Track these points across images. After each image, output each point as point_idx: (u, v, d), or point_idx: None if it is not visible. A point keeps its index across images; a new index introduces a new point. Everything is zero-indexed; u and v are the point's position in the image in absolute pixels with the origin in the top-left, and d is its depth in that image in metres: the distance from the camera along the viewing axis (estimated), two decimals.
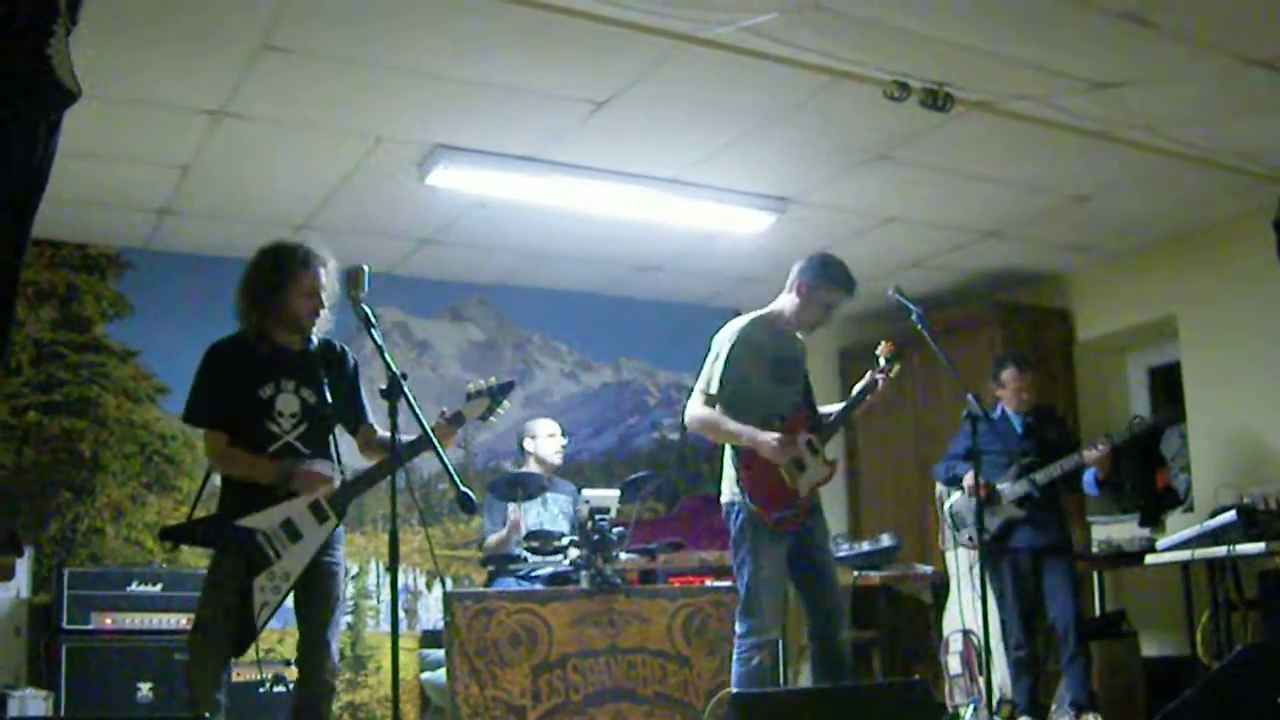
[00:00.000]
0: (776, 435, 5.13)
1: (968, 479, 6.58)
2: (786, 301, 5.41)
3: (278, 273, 4.59)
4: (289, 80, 5.32)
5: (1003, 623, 6.66)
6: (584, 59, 5.24)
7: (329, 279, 4.65)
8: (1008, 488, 6.60)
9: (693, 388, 5.34)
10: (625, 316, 8.97)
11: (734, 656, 5.13)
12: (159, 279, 7.41)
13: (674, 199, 6.79)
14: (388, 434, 4.72)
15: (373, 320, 4.33)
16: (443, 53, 5.15)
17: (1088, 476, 6.61)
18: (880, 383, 5.41)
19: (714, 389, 5.20)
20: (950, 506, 6.93)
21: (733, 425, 5.17)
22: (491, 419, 4.94)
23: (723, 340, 5.30)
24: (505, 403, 4.91)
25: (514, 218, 7.11)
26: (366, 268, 4.43)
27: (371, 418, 4.87)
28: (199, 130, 5.80)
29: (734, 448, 5.25)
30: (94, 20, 2.63)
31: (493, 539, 6.62)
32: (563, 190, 6.58)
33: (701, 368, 5.32)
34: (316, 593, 4.55)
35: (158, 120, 5.67)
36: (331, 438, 4.76)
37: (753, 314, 5.44)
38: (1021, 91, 5.62)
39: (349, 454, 4.90)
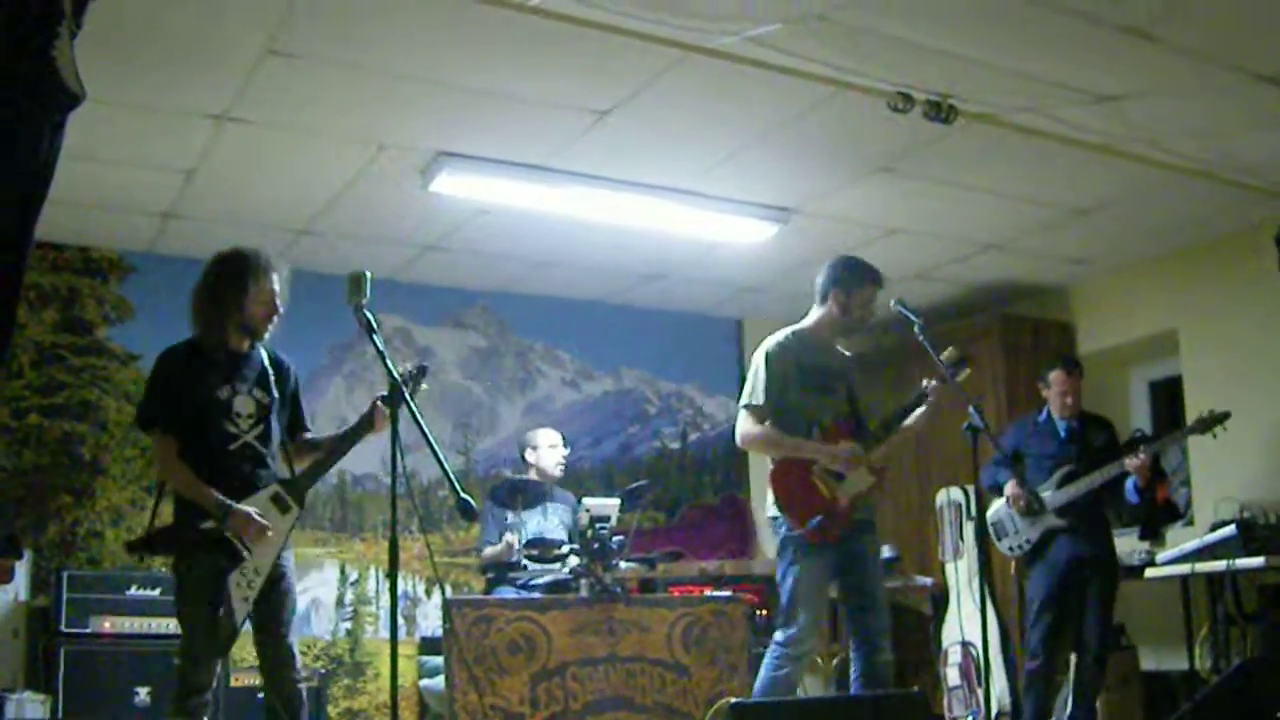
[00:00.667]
0: (843, 446, 5.18)
1: (1009, 487, 6.52)
2: (822, 313, 5.42)
3: (239, 280, 4.65)
4: (293, 86, 5.33)
5: (1003, 632, 6.62)
6: (588, 68, 5.25)
7: (283, 286, 4.74)
8: (1049, 495, 6.50)
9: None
10: (627, 325, 8.97)
11: (764, 661, 5.14)
12: (161, 283, 7.40)
13: (676, 208, 6.79)
14: (318, 436, 4.98)
15: (374, 326, 4.34)
16: (447, 60, 5.16)
17: (1129, 485, 6.41)
18: (933, 391, 5.31)
19: (759, 400, 5.21)
20: (990, 515, 6.76)
21: (796, 440, 5.20)
22: (413, 402, 4.95)
23: (759, 353, 5.32)
24: (424, 384, 4.89)
25: (516, 225, 7.11)
26: (368, 274, 4.44)
27: (309, 425, 5.02)
28: (203, 135, 5.81)
29: (772, 460, 5.26)
30: (99, 23, 2.64)
31: (489, 552, 6.61)
32: (565, 198, 6.58)
33: (740, 387, 5.33)
34: (272, 593, 4.59)
35: (162, 124, 5.67)
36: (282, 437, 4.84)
37: (789, 328, 5.45)
38: (1024, 104, 5.62)
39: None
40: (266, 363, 4.77)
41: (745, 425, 5.28)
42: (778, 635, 5.13)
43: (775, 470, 5.22)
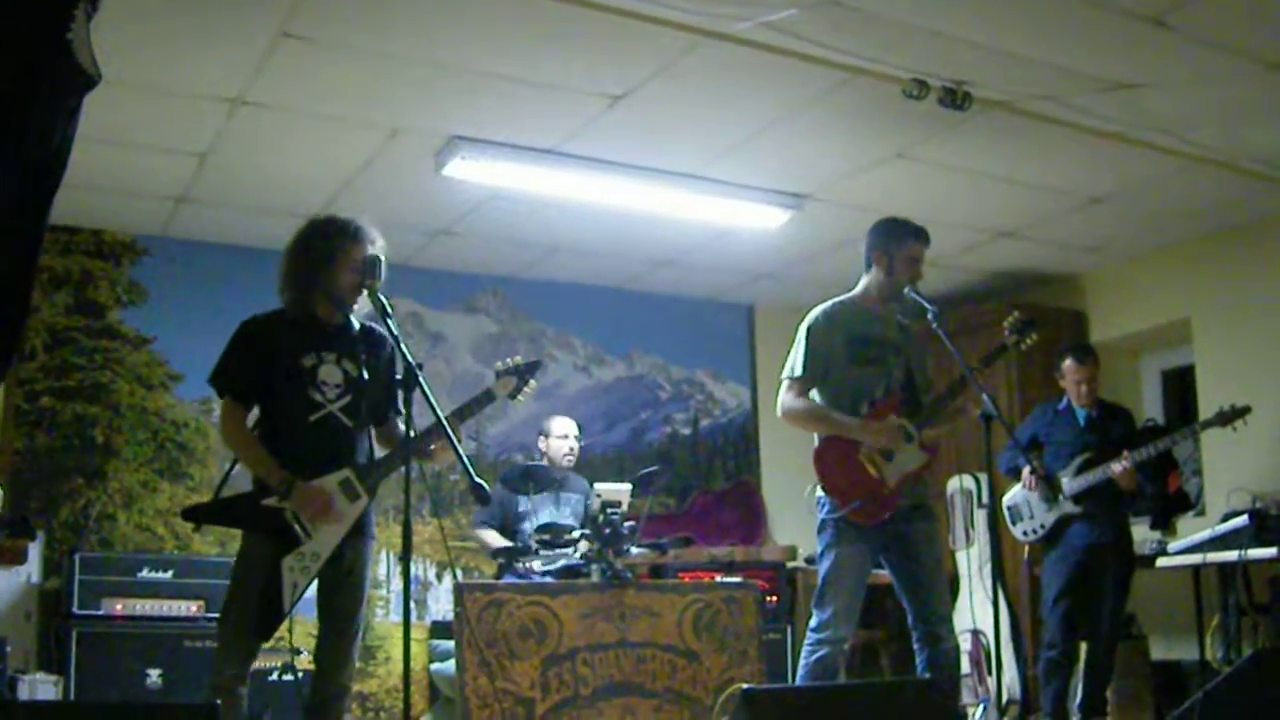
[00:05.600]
0: (881, 424, 4.92)
1: (1025, 473, 6.52)
2: (870, 278, 5.18)
3: (328, 244, 4.49)
4: (307, 69, 5.32)
5: (1014, 621, 6.61)
6: (602, 52, 5.24)
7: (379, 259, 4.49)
8: (1067, 482, 6.48)
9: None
10: (639, 310, 8.97)
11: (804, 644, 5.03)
12: (174, 266, 7.43)
13: (689, 194, 6.78)
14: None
15: (388, 311, 4.32)
16: (461, 44, 5.15)
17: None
18: (993, 357, 5.13)
19: (798, 373, 5.01)
20: (1006, 500, 6.76)
21: (835, 416, 4.98)
22: (519, 398, 4.83)
23: (803, 325, 5.10)
24: (533, 381, 4.81)
25: (529, 210, 7.11)
26: (382, 257, 4.43)
27: (400, 409, 4.50)
28: (217, 118, 5.81)
29: (817, 437, 5.09)
30: (114, 6, 2.63)
31: (478, 532, 6.60)
32: (578, 183, 6.58)
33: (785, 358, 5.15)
34: (345, 589, 4.44)
35: (176, 107, 5.68)
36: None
37: (836, 298, 5.20)
38: (1040, 91, 5.60)
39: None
40: (359, 337, 4.54)
41: (784, 398, 5.08)
42: (812, 619, 4.98)
43: (820, 448, 5.04)
